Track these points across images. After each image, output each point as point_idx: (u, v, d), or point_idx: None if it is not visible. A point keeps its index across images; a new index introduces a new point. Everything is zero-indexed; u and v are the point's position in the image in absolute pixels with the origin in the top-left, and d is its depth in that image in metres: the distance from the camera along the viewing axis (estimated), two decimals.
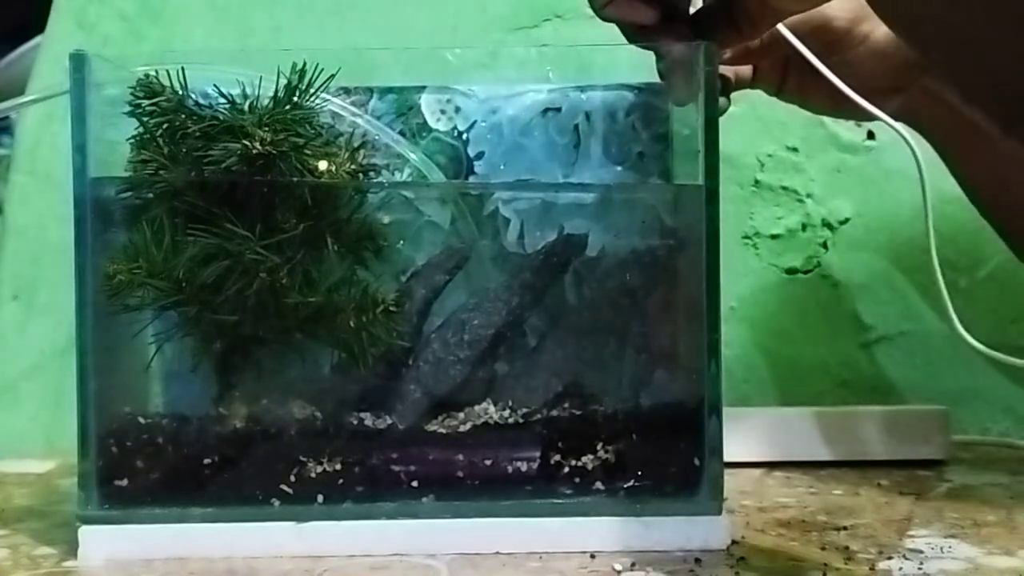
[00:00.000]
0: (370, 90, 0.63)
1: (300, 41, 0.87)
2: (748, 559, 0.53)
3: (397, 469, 0.56)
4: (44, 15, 0.90)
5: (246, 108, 0.54)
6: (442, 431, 0.57)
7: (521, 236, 0.61)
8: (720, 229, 0.55)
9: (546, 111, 0.64)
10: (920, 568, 0.51)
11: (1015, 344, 0.83)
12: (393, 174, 0.61)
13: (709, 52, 0.55)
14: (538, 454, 0.56)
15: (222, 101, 0.55)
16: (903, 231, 0.87)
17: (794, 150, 0.89)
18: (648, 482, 0.56)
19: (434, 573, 0.52)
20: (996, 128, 0.48)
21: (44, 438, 0.84)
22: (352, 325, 0.56)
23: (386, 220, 0.59)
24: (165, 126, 0.55)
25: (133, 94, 0.55)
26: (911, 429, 0.76)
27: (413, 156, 0.62)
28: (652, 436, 0.57)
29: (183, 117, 0.55)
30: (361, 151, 0.58)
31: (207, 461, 0.56)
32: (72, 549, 0.55)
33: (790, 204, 0.89)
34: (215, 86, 0.56)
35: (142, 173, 0.56)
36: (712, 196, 0.55)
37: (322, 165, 0.56)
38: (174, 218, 0.55)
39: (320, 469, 0.56)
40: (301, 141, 0.55)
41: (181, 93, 0.55)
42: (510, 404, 0.58)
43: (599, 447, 0.56)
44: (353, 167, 0.58)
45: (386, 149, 0.61)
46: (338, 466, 0.56)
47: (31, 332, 0.86)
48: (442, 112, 0.64)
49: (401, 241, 0.60)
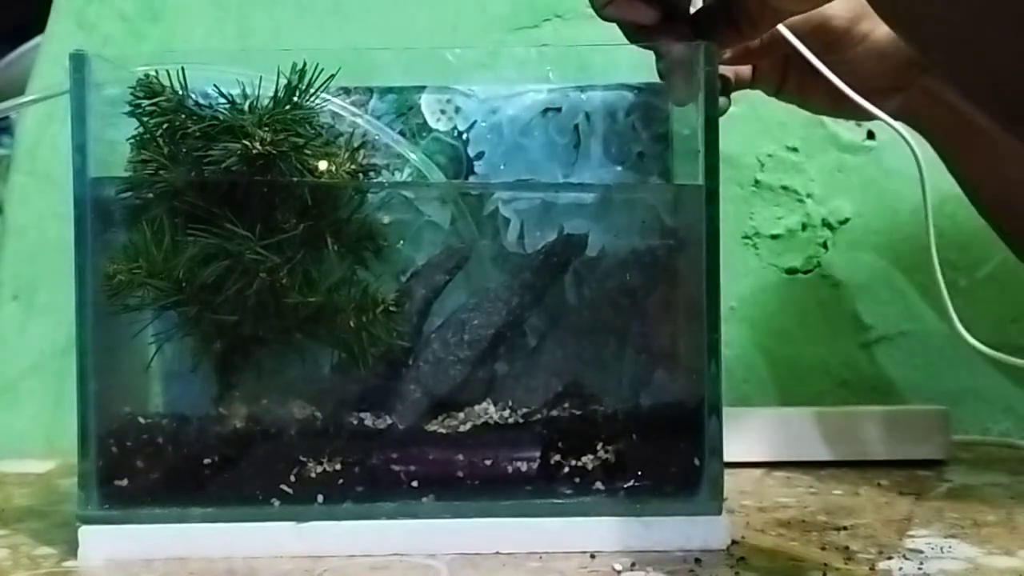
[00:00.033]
0: (370, 90, 0.63)
1: (300, 41, 0.87)
2: (748, 559, 0.53)
3: (397, 469, 0.56)
4: (44, 15, 0.90)
5: (246, 108, 0.54)
6: (442, 431, 0.57)
7: (521, 236, 0.61)
8: (720, 229, 0.55)
9: (546, 111, 0.64)
10: (920, 568, 0.51)
11: (1015, 344, 0.83)
12: (393, 174, 0.61)
13: (709, 52, 0.55)
14: (538, 454, 0.56)
15: (222, 101, 0.55)
16: (903, 231, 0.87)
17: (794, 150, 0.89)
18: (648, 482, 0.56)
19: (434, 573, 0.52)
20: (996, 127, 0.48)
21: (44, 438, 0.84)
22: (352, 325, 0.56)
23: (386, 220, 0.59)
24: (165, 126, 0.55)
25: (133, 94, 0.55)
26: (911, 429, 0.76)
27: (413, 156, 0.62)
28: (652, 436, 0.57)
29: (183, 117, 0.55)
30: (361, 151, 0.58)
31: (207, 461, 0.56)
32: (72, 549, 0.55)
33: (790, 204, 0.89)
34: (215, 86, 0.56)
35: (142, 173, 0.56)
36: (712, 196, 0.55)
37: (322, 165, 0.56)
38: (174, 218, 0.55)
39: (320, 469, 0.56)
40: (301, 141, 0.55)
41: (181, 93, 0.55)
42: (510, 404, 0.58)
43: (599, 447, 0.56)
44: (353, 167, 0.58)
45: (386, 149, 0.61)
46: (338, 466, 0.56)
47: (31, 332, 0.86)
48: (442, 112, 0.64)
49: (401, 241, 0.60)
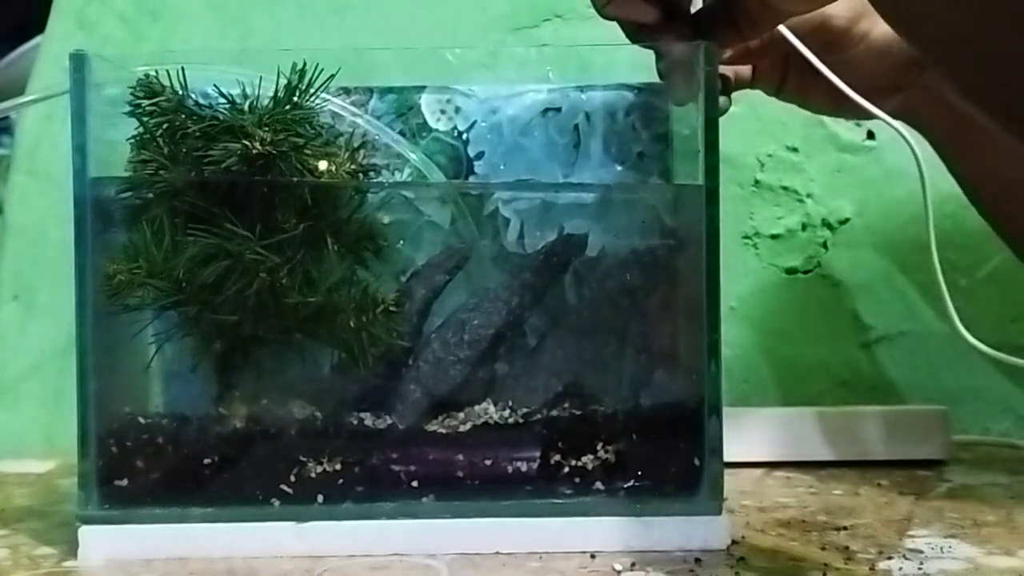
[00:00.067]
0: (370, 90, 0.63)
1: (300, 41, 0.87)
2: (748, 559, 0.53)
3: (397, 469, 0.56)
4: (44, 15, 0.90)
5: (246, 108, 0.54)
6: (442, 431, 0.57)
7: (521, 236, 0.61)
8: (720, 229, 0.55)
9: (546, 111, 0.64)
10: (920, 568, 0.51)
11: (1015, 344, 0.83)
12: (393, 174, 0.61)
13: (709, 52, 0.55)
14: (538, 454, 0.56)
15: (222, 101, 0.55)
16: (903, 231, 0.87)
17: (794, 150, 0.89)
18: (648, 482, 0.56)
19: (434, 573, 0.52)
20: (996, 126, 0.48)
21: (44, 438, 0.84)
22: (352, 325, 0.56)
23: (386, 220, 0.59)
24: (165, 126, 0.55)
25: (133, 94, 0.55)
26: (911, 429, 0.76)
27: (413, 156, 0.62)
28: (652, 436, 0.57)
29: (183, 117, 0.55)
30: (361, 151, 0.58)
31: (207, 461, 0.56)
32: (72, 549, 0.55)
33: (790, 204, 0.89)
34: (215, 86, 0.56)
35: (142, 173, 0.56)
36: (712, 196, 0.55)
37: (322, 165, 0.56)
38: (174, 218, 0.55)
39: (320, 469, 0.56)
40: (301, 141, 0.55)
41: (181, 93, 0.55)
42: (510, 404, 0.58)
43: (599, 447, 0.56)
44: (353, 167, 0.58)
45: (386, 149, 0.61)
46: (338, 466, 0.56)
47: (31, 332, 0.86)
48: (442, 112, 0.64)
49: (401, 241, 0.60)
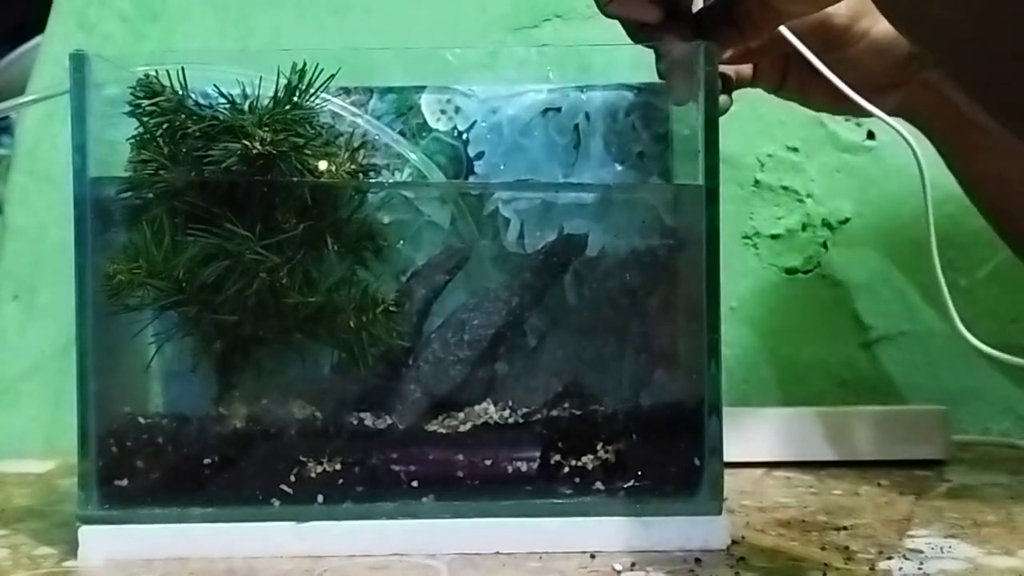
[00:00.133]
0: (370, 90, 0.63)
1: (300, 41, 0.87)
2: (748, 559, 0.53)
3: (397, 469, 0.56)
4: (44, 15, 0.90)
5: (246, 108, 0.54)
6: (442, 431, 0.57)
7: (521, 236, 0.61)
8: (720, 229, 0.55)
9: (546, 111, 0.64)
10: (920, 568, 0.51)
11: (1015, 344, 0.83)
12: (393, 174, 0.61)
13: (709, 52, 0.55)
14: (538, 454, 0.56)
15: (222, 101, 0.55)
16: (903, 231, 0.87)
17: (794, 150, 0.89)
18: (648, 482, 0.56)
19: (434, 573, 0.52)
20: (997, 125, 0.48)
21: (44, 438, 0.84)
22: (352, 325, 0.56)
23: (386, 220, 0.59)
24: (165, 126, 0.55)
25: (133, 94, 0.55)
26: (911, 429, 0.76)
27: (413, 156, 0.62)
28: (652, 436, 0.57)
29: (183, 117, 0.55)
30: (361, 151, 0.58)
31: (207, 461, 0.56)
32: (72, 549, 0.55)
33: (790, 204, 0.89)
34: (215, 86, 0.56)
35: (142, 173, 0.56)
36: (712, 196, 0.55)
37: (322, 165, 0.56)
38: (174, 218, 0.55)
39: (320, 469, 0.56)
40: (301, 141, 0.55)
41: (181, 93, 0.55)
42: (510, 404, 0.58)
43: (599, 447, 0.56)
44: (353, 167, 0.58)
45: (386, 149, 0.61)
46: (338, 466, 0.56)
47: (31, 332, 0.86)
48: (442, 112, 0.64)
49: (401, 241, 0.60)
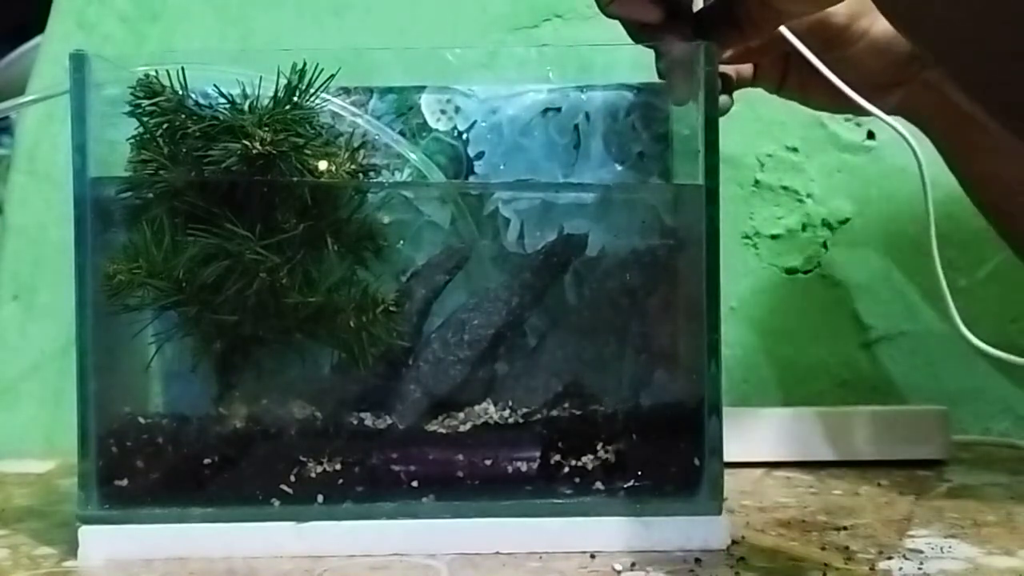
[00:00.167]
0: (370, 90, 0.63)
1: (300, 41, 0.87)
2: (748, 559, 0.53)
3: (397, 469, 0.56)
4: (44, 15, 0.90)
5: (246, 108, 0.54)
6: (442, 431, 0.57)
7: (521, 236, 0.61)
8: (720, 229, 0.55)
9: (546, 111, 0.64)
10: (920, 568, 0.51)
11: (1015, 344, 0.83)
12: (393, 174, 0.61)
13: (709, 52, 0.55)
14: (538, 454, 0.56)
15: (222, 101, 0.55)
16: (903, 231, 0.87)
17: (794, 150, 0.89)
18: (648, 482, 0.56)
19: (434, 573, 0.52)
20: (997, 125, 0.48)
21: (44, 438, 0.84)
22: (352, 325, 0.56)
23: (386, 220, 0.59)
24: (165, 126, 0.55)
25: (133, 94, 0.55)
26: (911, 429, 0.76)
27: (413, 156, 0.62)
28: (652, 436, 0.57)
29: (183, 117, 0.55)
30: (361, 151, 0.58)
31: (207, 461, 0.56)
32: (72, 549, 0.55)
33: (790, 204, 0.89)
34: (215, 86, 0.56)
35: (142, 173, 0.56)
36: (712, 196, 0.55)
37: (322, 165, 0.56)
38: (174, 218, 0.55)
39: (320, 469, 0.56)
40: (301, 141, 0.55)
41: (181, 93, 0.55)
42: (510, 404, 0.58)
43: (599, 447, 0.56)
44: (353, 167, 0.58)
45: (386, 149, 0.61)
46: (338, 466, 0.56)
47: (31, 332, 0.86)
48: (442, 112, 0.64)
49: (401, 241, 0.60)
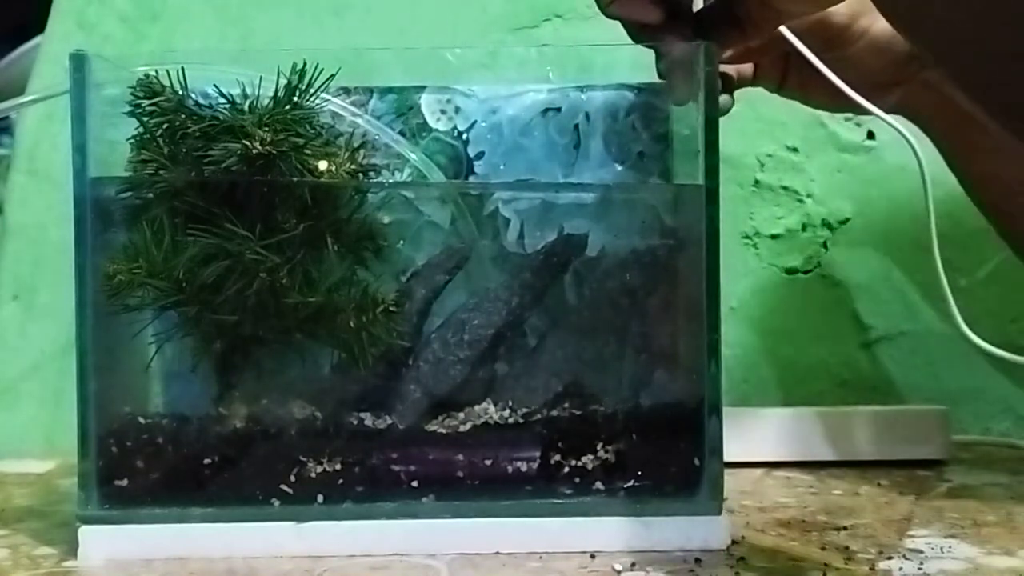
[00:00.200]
0: (370, 90, 0.63)
1: (300, 41, 0.87)
2: (748, 559, 0.53)
3: (397, 469, 0.56)
4: (44, 15, 0.90)
5: (246, 108, 0.54)
6: (442, 431, 0.57)
7: (521, 236, 0.61)
8: (720, 229, 0.55)
9: (546, 111, 0.64)
10: (920, 568, 0.51)
11: (1015, 344, 0.83)
12: (393, 174, 0.61)
13: (709, 52, 0.55)
14: (538, 454, 0.56)
15: (222, 101, 0.55)
16: (903, 231, 0.87)
17: (794, 150, 0.89)
18: (648, 482, 0.56)
19: (434, 573, 0.52)
20: (997, 125, 0.48)
21: (44, 438, 0.84)
22: (352, 325, 0.56)
23: (386, 220, 0.59)
24: (165, 126, 0.55)
25: (133, 94, 0.55)
26: (911, 429, 0.76)
27: (413, 156, 0.62)
28: (652, 436, 0.57)
29: (183, 117, 0.55)
30: (361, 151, 0.58)
31: (207, 461, 0.56)
32: (72, 549, 0.55)
33: (790, 204, 0.89)
34: (215, 86, 0.56)
35: (142, 173, 0.56)
36: (712, 196, 0.55)
37: (322, 165, 0.56)
38: (174, 218, 0.55)
39: (320, 469, 0.56)
40: (301, 141, 0.55)
41: (181, 93, 0.55)
42: (510, 404, 0.58)
43: (599, 447, 0.56)
44: (353, 167, 0.58)
45: (386, 149, 0.61)
46: (338, 466, 0.56)
47: (31, 332, 0.86)
48: (442, 112, 0.64)
49: (401, 241, 0.60)
